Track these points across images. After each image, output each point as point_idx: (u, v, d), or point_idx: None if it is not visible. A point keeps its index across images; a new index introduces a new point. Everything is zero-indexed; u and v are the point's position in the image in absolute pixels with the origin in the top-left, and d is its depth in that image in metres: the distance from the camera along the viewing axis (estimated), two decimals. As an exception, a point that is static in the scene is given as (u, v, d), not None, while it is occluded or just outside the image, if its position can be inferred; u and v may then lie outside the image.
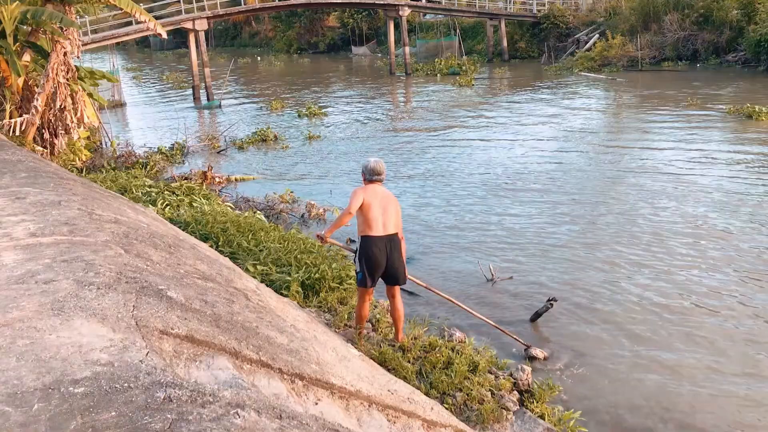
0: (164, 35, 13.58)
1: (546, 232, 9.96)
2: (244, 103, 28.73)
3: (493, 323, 6.61)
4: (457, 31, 40.45)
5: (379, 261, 5.46)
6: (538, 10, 39.72)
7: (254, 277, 6.05)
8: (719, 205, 10.78)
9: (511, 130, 18.91)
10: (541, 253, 9.12)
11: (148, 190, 11.02)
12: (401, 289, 6.00)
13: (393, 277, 5.62)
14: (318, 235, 5.86)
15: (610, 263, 8.61)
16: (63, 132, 11.50)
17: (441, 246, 9.61)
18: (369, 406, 3.11)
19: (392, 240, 5.53)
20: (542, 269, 8.57)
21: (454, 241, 9.79)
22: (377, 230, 5.43)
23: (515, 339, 6.50)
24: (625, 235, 9.60)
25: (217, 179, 13.44)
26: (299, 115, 23.28)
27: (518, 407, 5.14)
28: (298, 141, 18.79)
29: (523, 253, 9.19)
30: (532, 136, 17.71)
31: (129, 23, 26.50)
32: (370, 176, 5.65)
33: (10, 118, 10.70)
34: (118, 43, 30.02)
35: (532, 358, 6.20)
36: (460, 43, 39.83)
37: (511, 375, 5.60)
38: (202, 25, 28.90)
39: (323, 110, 23.87)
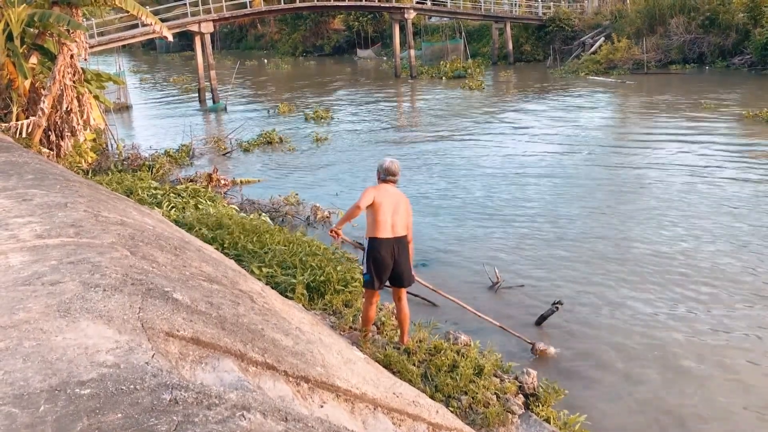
0: (170, 38, 13.57)
1: (555, 237, 9.93)
2: (249, 106, 28.78)
3: (499, 324, 6.61)
4: (463, 33, 40.46)
5: (387, 263, 5.44)
6: (544, 13, 39.73)
7: (259, 280, 6.05)
8: (744, 218, 10.33)
9: (521, 133, 18.88)
10: (550, 258, 9.08)
11: (154, 192, 11.04)
12: (408, 292, 5.99)
13: (399, 279, 5.60)
14: (332, 230, 5.78)
15: (620, 271, 8.54)
16: (69, 134, 11.51)
17: (450, 249, 9.60)
18: (374, 408, 3.10)
19: (400, 242, 5.50)
20: (550, 274, 8.54)
21: (463, 245, 9.77)
22: (385, 232, 5.40)
23: (521, 338, 6.50)
24: (639, 242, 9.48)
25: (223, 181, 13.45)
26: (306, 119, 23.32)
27: (523, 410, 5.13)
28: (305, 144, 18.81)
29: (532, 257, 9.17)
30: (544, 140, 17.65)
31: (135, 26, 26.61)
32: (384, 176, 5.60)
33: (17, 120, 10.72)
34: (124, 46, 30.13)
35: (540, 353, 6.30)
36: (465, 46, 39.85)
37: (516, 378, 5.58)
38: (207, 28, 28.98)
39: (330, 113, 23.90)
